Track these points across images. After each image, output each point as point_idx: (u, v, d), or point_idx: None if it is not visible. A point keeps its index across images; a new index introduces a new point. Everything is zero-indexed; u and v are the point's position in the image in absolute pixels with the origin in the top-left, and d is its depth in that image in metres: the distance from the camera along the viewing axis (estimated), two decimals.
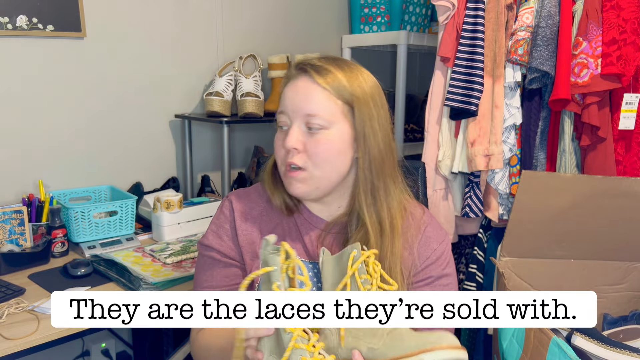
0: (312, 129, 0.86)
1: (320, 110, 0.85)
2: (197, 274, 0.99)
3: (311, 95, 0.86)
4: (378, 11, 2.25)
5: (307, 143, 0.86)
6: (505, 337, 1.16)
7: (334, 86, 0.86)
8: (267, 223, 0.97)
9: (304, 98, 0.86)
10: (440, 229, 0.97)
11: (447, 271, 0.94)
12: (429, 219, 0.97)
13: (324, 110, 0.85)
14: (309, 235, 0.94)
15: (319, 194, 0.90)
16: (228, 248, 0.96)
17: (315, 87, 0.86)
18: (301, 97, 0.86)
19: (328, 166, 0.87)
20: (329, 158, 0.86)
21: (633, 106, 1.44)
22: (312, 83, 0.86)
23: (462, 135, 1.59)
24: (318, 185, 0.88)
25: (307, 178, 0.88)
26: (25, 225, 1.44)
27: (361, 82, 0.88)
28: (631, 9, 1.39)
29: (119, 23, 1.79)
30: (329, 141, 0.86)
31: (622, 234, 1.30)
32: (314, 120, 0.85)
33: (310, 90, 0.86)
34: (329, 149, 0.86)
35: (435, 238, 0.94)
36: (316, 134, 0.86)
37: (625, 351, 1.03)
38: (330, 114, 0.85)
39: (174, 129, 1.99)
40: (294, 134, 0.86)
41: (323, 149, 0.86)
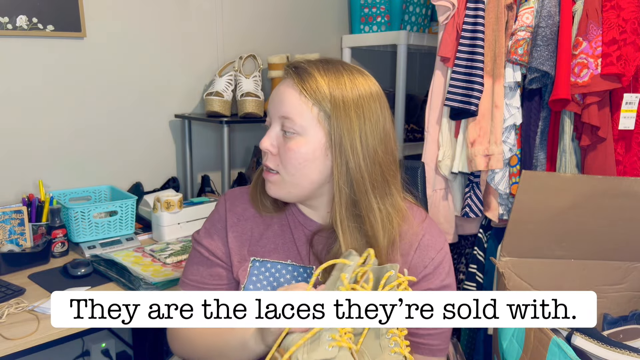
0: (287, 133, 0.85)
1: (293, 115, 0.83)
2: (187, 264, 1.00)
3: (287, 99, 0.85)
4: (378, 11, 2.25)
5: (280, 147, 0.86)
6: (505, 337, 1.16)
7: (312, 91, 0.83)
8: (260, 224, 0.96)
9: (280, 100, 0.85)
10: (439, 236, 0.93)
11: (447, 282, 0.91)
12: (428, 227, 0.93)
13: (297, 115, 0.83)
14: (301, 238, 0.94)
15: (293, 197, 0.89)
16: (216, 248, 0.96)
17: (292, 91, 0.85)
18: (279, 99, 0.86)
19: (298, 173, 0.85)
20: (299, 165, 0.85)
21: (633, 106, 1.44)
22: (290, 86, 0.85)
23: (462, 135, 1.59)
24: (290, 190, 0.87)
25: (279, 181, 0.87)
26: (25, 225, 1.44)
27: (346, 90, 0.84)
28: (631, 9, 1.39)
29: (119, 23, 1.79)
30: (299, 147, 0.84)
31: (622, 234, 1.30)
32: (288, 124, 0.84)
33: (287, 94, 0.85)
34: (299, 156, 0.84)
35: (433, 246, 0.91)
36: (289, 139, 0.84)
37: (625, 351, 1.03)
38: (303, 119, 0.83)
39: (174, 129, 1.99)
40: (269, 136, 0.87)
41: (292, 155, 0.84)
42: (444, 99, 1.59)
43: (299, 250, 0.93)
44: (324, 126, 0.84)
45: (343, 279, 0.74)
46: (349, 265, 0.75)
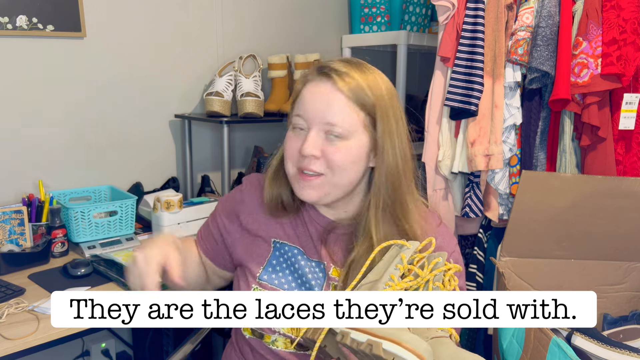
0: (332, 137, 0.84)
1: (342, 121, 0.83)
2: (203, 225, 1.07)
3: (333, 104, 0.83)
4: (378, 11, 2.25)
5: (325, 150, 0.85)
6: (505, 337, 1.16)
7: (357, 96, 0.83)
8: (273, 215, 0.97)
9: (327, 106, 0.83)
10: (451, 239, 0.95)
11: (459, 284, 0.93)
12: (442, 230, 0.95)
13: (345, 121, 0.83)
14: (314, 233, 0.95)
15: (327, 200, 0.89)
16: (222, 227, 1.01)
17: (338, 96, 0.83)
18: (323, 103, 0.84)
19: (344, 174, 0.86)
20: (346, 166, 0.85)
21: (633, 106, 1.44)
22: (335, 90, 0.83)
23: (462, 135, 1.59)
24: (330, 192, 0.87)
25: (322, 184, 0.86)
26: (25, 225, 1.44)
27: (382, 92, 0.85)
28: (631, 9, 1.39)
29: (119, 23, 1.79)
30: (348, 150, 0.84)
31: (622, 234, 1.30)
32: (334, 129, 0.83)
33: (332, 99, 0.83)
34: (347, 158, 0.84)
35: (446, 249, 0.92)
36: (335, 142, 0.84)
37: (625, 351, 1.03)
38: (351, 125, 0.84)
39: (174, 129, 1.99)
40: (312, 140, 0.84)
41: (341, 157, 0.84)
42: (444, 99, 1.59)
43: (314, 244, 0.94)
44: (369, 130, 0.85)
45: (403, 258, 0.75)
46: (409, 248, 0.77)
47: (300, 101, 0.87)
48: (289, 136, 0.89)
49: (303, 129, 0.86)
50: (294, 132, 0.88)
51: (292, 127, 0.89)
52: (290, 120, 0.89)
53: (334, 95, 0.83)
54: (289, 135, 0.89)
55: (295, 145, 0.87)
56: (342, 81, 0.83)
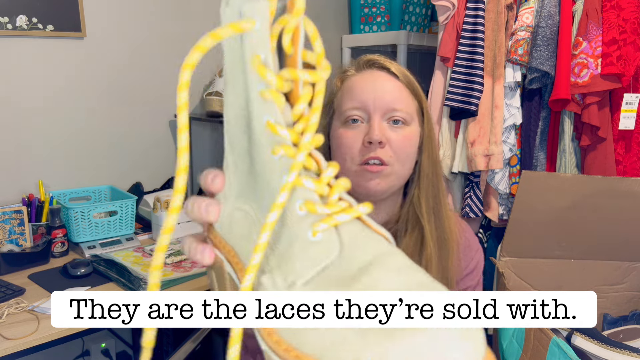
0: (397, 123, 0.80)
1: (405, 105, 0.81)
2: None
3: (393, 89, 0.81)
4: (378, 11, 2.25)
5: (389, 136, 0.79)
6: (505, 337, 1.16)
7: (410, 83, 0.83)
8: None
9: (387, 91, 0.80)
10: (474, 236, 0.93)
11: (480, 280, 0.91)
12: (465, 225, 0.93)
13: (407, 105, 0.81)
14: None
15: (389, 191, 0.83)
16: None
17: (395, 81, 0.81)
18: (383, 89, 0.80)
19: (408, 163, 0.82)
20: (411, 154, 0.81)
21: (633, 106, 1.44)
22: (390, 76, 0.82)
23: (462, 135, 1.59)
24: (394, 182, 0.81)
25: (388, 174, 0.80)
26: (25, 225, 1.44)
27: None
28: (631, 9, 1.39)
29: (119, 23, 1.79)
30: (411, 136, 0.81)
31: (622, 234, 1.30)
32: (397, 114, 0.80)
33: (391, 84, 0.81)
34: (412, 145, 0.81)
35: (472, 246, 0.90)
36: (399, 129, 0.80)
37: (625, 351, 1.03)
38: (411, 110, 0.82)
39: (174, 129, 1.99)
40: (378, 126, 0.79)
41: (408, 143, 0.80)
42: (444, 99, 1.59)
43: None
44: (420, 120, 0.83)
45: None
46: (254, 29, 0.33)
47: (350, 93, 0.82)
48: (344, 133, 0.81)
49: (359, 120, 0.81)
50: (348, 127, 0.81)
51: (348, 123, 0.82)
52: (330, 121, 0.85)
53: (391, 81, 0.81)
54: (344, 133, 0.82)
55: (356, 136, 0.80)
56: (394, 67, 0.82)
